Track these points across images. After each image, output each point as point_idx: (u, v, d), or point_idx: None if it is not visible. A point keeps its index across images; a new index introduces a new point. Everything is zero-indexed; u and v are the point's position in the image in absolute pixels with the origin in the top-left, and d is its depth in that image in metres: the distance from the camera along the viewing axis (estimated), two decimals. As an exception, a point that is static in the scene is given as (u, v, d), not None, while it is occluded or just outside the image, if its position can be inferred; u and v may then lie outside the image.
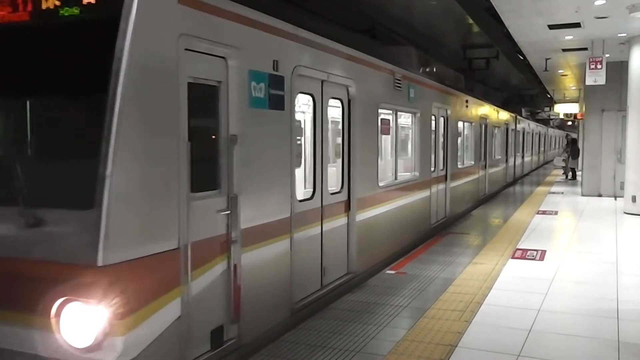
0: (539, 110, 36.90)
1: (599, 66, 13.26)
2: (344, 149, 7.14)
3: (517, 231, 10.92)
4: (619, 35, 12.70)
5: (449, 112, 11.88)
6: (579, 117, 26.66)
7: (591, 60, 13.40)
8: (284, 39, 5.45)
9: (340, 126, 7.18)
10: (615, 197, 16.00)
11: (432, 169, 10.89)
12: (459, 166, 13.26)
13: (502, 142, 19.79)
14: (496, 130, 18.47)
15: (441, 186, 11.61)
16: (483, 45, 16.62)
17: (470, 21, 13.76)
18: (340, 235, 6.97)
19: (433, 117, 10.82)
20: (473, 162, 15.07)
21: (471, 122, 14.60)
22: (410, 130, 10.10)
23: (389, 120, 8.86)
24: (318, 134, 6.38)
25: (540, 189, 20.14)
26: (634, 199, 13.22)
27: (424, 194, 10.30)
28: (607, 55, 13.55)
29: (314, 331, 5.38)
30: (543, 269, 7.89)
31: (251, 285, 4.85)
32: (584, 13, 10.72)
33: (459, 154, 13.21)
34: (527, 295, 6.65)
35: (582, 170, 18.40)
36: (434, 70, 11.52)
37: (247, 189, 4.78)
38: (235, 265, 4.62)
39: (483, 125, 16.04)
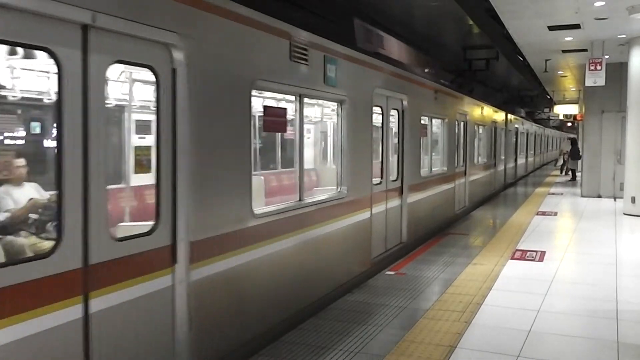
0: (538, 111, 36.90)
1: (598, 67, 13.27)
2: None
3: (516, 232, 10.92)
4: (618, 36, 12.71)
5: (404, 103, 9.22)
6: (578, 118, 26.67)
7: (591, 61, 13.40)
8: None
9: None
10: (615, 198, 16.01)
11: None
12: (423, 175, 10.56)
13: (489, 143, 17.73)
14: (481, 130, 16.49)
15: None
16: (483, 46, 16.62)
17: (470, 22, 13.76)
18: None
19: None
20: (446, 169, 12.26)
21: (443, 119, 12.07)
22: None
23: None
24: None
25: (540, 189, 20.14)
26: (633, 200, 13.22)
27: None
28: (606, 57, 13.55)
29: (314, 331, 5.39)
30: (542, 270, 7.89)
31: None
32: (583, 14, 10.73)
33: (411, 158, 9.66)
34: (527, 296, 6.65)
35: (581, 171, 18.41)
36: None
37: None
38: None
39: (461, 123, 13.87)
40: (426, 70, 12.56)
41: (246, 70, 4.98)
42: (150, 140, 4.54)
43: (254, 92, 5.18)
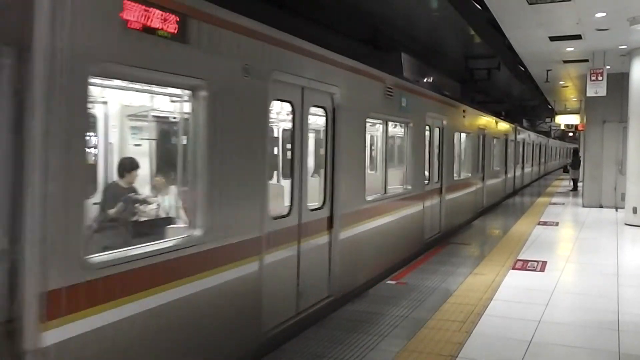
0: (540, 121, 36.97)
1: (599, 78, 13.30)
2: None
3: (517, 242, 10.91)
4: (619, 47, 12.76)
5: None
6: (580, 128, 26.68)
7: (592, 71, 13.44)
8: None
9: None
10: (617, 209, 15.98)
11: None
12: (368, 199, 7.67)
13: (474, 155, 14.82)
14: (464, 138, 13.83)
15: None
16: (484, 56, 16.68)
17: (472, 32, 13.82)
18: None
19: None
20: (411, 187, 9.42)
21: (408, 124, 9.45)
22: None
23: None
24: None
25: (541, 200, 20.13)
26: (635, 210, 13.21)
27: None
28: (608, 67, 13.60)
29: (314, 340, 5.38)
30: (544, 280, 7.88)
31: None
32: (584, 25, 10.78)
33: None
34: (528, 306, 6.64)
35: (583, 181, 18.41)
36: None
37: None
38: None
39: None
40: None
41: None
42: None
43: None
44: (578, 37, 11.78)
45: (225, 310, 4.61)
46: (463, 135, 13.63)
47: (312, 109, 6.19)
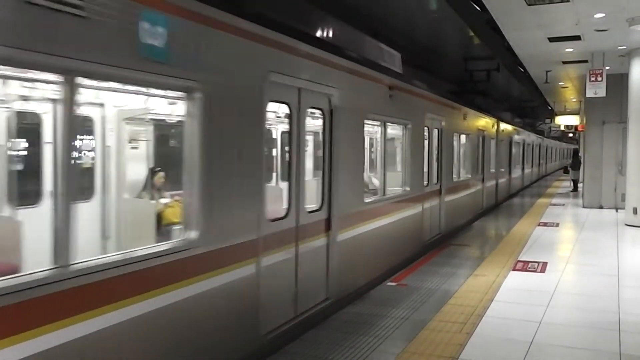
0: (539, 122, 36.99)
1: (599, 78, 13.31)
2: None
3: (518, 243, 10.91)
4: (619, 47, 12.77)
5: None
6: (579, 129, 26.70)
7: (591, 72, 13.45)
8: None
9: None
10: (617, 209, 15.99)
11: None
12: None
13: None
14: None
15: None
16: (484, 57, 16.70)
17: (471, 33, 13.84)
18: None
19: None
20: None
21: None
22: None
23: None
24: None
25: (542, 200, 20.12)
26: (635, 210, 13.21)
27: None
28: (607, 68, 13.61)
29: (315, 342, 5.37)
30: (544, 281, 7.88)
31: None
32: (584, 26, 10.79)
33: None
34: (529, 307, 6.64)
35: (583, 182, 18.40)
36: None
37: None
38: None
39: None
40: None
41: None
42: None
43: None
44: (577, 38, 11.80)
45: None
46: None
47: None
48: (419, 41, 14.04)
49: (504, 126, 19.17)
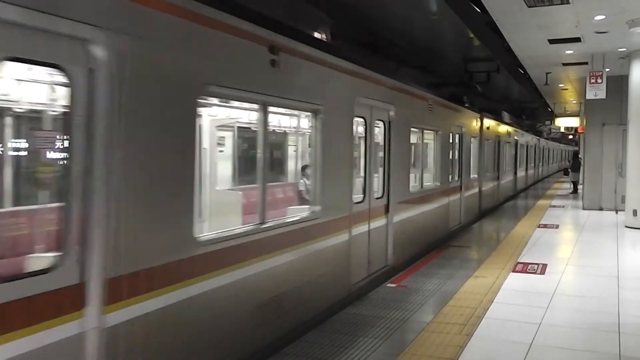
0: (539, 124, 37.01)
1: (599, 80, 13.32)
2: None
3: (518, 244, 10.91)
4: (619, 49, 12.78)
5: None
6: (579, 130, 26.72)
7: (591, 74, 13.46)
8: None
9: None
10: (617, 211, 15.99)
11: None
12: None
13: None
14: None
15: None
16: (484, 59, 16.69)
17: (471, 35, 13.84)
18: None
19: None
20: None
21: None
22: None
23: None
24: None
25: (541, 202, 20.13)
26: (635, 212, 13.21)
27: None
28: (607, 70, 13.62)
29: (315, 344, 5.38)
30: (544, 283, 7.88)
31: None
32: (584, 28, 10.79)
33: None
34: (528, 309, 6.64)
35: (583, 183, 18.40)
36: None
37: None
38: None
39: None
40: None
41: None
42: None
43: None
44: (577, 39, 11.80)
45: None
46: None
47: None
48: (419, 42, 14.04)
49: (489, 123, 17.15)
